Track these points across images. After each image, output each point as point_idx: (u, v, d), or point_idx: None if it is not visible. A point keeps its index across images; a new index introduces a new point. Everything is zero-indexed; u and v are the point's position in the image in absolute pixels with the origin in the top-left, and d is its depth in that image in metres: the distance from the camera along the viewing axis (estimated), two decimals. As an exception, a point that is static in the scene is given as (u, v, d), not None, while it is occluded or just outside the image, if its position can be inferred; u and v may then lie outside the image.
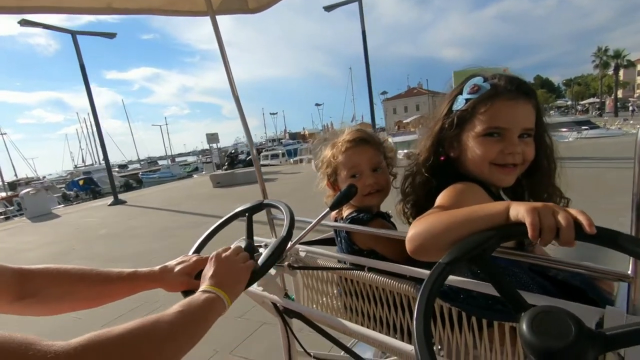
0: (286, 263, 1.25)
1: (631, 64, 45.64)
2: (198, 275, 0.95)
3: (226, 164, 21.20)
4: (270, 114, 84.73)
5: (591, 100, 55.75)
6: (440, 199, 0.84)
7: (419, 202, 1.02)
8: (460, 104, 0.89)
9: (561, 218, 0.51)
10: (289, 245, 1.17)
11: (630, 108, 24.36)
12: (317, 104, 77.61)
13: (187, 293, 0.94)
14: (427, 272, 0.59)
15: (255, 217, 1.20)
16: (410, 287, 0.98)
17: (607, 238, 0.50)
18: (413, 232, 0.66)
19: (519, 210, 0.54)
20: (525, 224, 0.53)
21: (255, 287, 1.25)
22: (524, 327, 0.46)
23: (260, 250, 1.07)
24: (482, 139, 0.86)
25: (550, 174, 0.94)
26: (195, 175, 28.59)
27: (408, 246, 0.66)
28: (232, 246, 1.00)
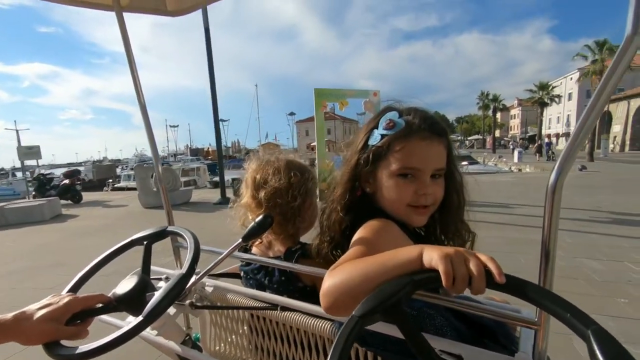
0: (188, 301, 1.10)
1: (506, 108, 54.73)
2: (72, 319, 0.77)
3: (33, 190, 12.95)
4: (171, 126, 76.62)
5: (476, 137, 64.99)
6: (356, 239, 0.80)
7: (336, 239, 0.97)
8: (376, 139, 0.88)
9: (473, 266, 0.51)
10: (193, 280, 1.04)
11: (511, 147, 29.25)
12: (221, 120, 72.09)
13: (51, 346, 0.74)
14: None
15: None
16: (327, 327, 0.92)
17: (515, 287, 0.51)
18: (327, 285, 0.61)
19: (432, 257, 0.53)
20: (438, 271, 0.52)
21: (148, 331, 1.07)
22: None
23: (160, 284, 0.92)
24: (397, 179, 0.86)
25: (459, 209, 0.95)
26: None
27: (323, 302, 0.61)
28: (126, 279, 0.87)
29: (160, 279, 1.14)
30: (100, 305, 0.83)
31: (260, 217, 1.01)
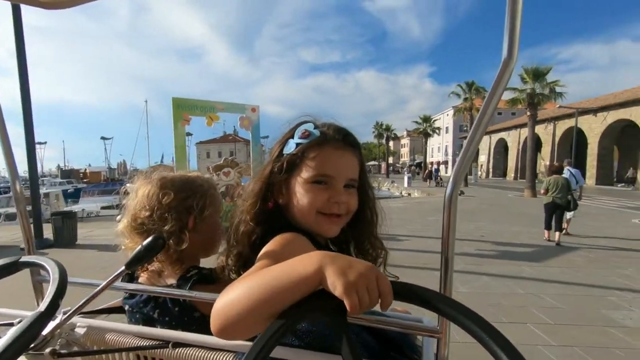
0: (49, 349, 0.86)
1: (397, 138, 61.24)
2: None
3: None
4: (38, 143, 65.86)
5: (372, 162, 70.43)
6: (262, 254, 0.76)
7: (244, 253, 0.90)
8: (290, 147, 0.87)
9: (381, 286, 0.50)
10: (57, 321, 0.85)
11: (406, 173, 32.62)
12: (103, 138, 59.87)
13: None
14: (249, 344, 0.53)
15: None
16: (230, 359, 0.83)
17: (416, 296, 0.51)
18: (217, 305, 0.54)
19: (335, 286, 0.48)
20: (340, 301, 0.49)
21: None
22: None
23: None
24: (310, 185, 0.85)
25: (372, 224, 0.96)
26: None
27: (212, 325, 0.53)
28: None
29: (11, 324, 0.87)
30: None
31: (149, 239, 0.87)
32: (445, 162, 56.92)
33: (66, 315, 0.86)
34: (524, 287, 4.63)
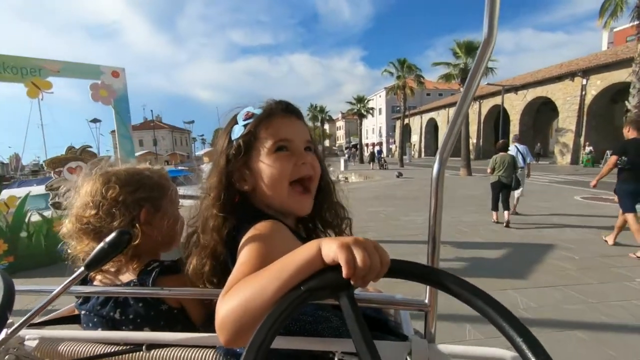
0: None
1: (332, 120, 60.25)
2: None
3: None
4: None
5: (309, 146, 69.21)
6: (244, 251, 0.69)
7: (217, 250, 0.82)
8: (240, 130, 0.85)
9: (378, 250, 0.50)
10: (3, 335, 0.74)
11: (346, 155, 31.81)
12: None
13: None
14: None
15: None
16: (210, 355, 0.78)
17: (399, 270, 0.52)
18: (224, 313, 0.52)
19: (330, 248, 0.50)
20: (337, 266, 0.48)
21: None
22: None
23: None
24: (274, 155, 0.83)
25: (332, 191, 0.98)
26: None
27: (222, 336, 0.51)
28: None
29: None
30: None
31: (113, 234, 0.76)
32: (380, 143, 57.55)
33: (12, 328, 0.76)
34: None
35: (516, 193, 7.30)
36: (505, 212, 6.62)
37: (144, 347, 0.81)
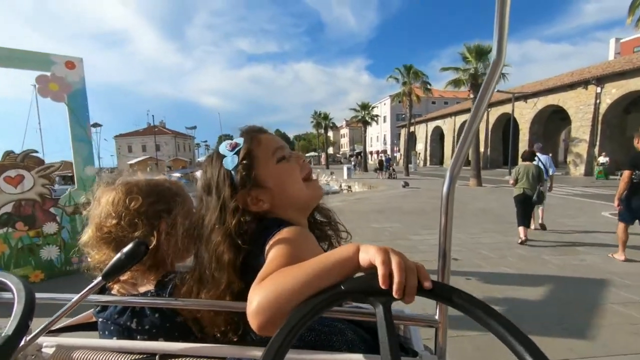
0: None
1: (336, 127, 59.58)
2: None
3: None
4: None
5: (312, 153, 68.41)
6: (276, 250, 0.68)
7: (230, 279, 0.79)
8: (233, 160, 0.85)
9: (405, 259, 0.51)
10: (23, 342, 0.72)
11: (352, 162, 31.17)
12: None
13: None
14: (245, 347, 0.70)
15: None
16: None
17: (441, 294, 0.51)
18: (260, 299, 0.52)
19: (368, 251, 0.53)
20: (374, 272, 0.50)
21: None
22: None
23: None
24: (279, 165, 0.87)
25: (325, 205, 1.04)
26: None
27: (254, 321, 0.52)
28: None
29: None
30: None
31: (130, 245, 0.78)
32: (385, 151, 56.64)
33: (32, 335, 0.76)
34: None
35: (539, 207, 6.64)
36: (521, 228, 5.98)
37: (157, 357, 0.81)
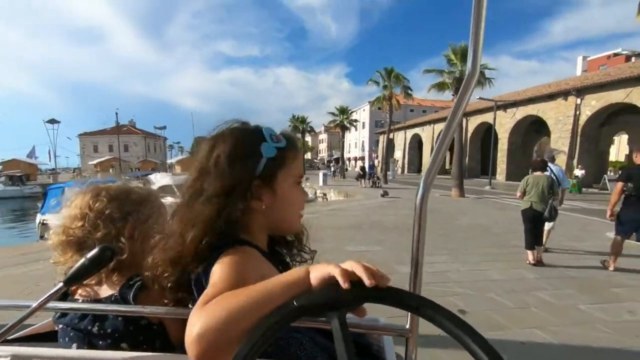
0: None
1: (315, 132, 58.49)
2: None
3: None
4: None
5: (289, 158, 66.86)
6: (221, 271, 0.67)
7: (183, 256, 0.77)
8: (269, 151, 0.82)
9: (366, 266, 0.51)
10: None
11: (331, 168, 31.05)
12: None
13: None
14: None
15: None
16: None
17: (391, 297, 0.50)
18: (201, 326, 0.50)
19: (320, 269, 0.52)
20: (331, 285, 0.50)
21: None
22: None
23: None
24: (297, 188, 0.88)
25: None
26: None
27: (196, 347, 0.49)
28: None
29: None
30: None
31: (95, 250, 0.77)
32: (362, 158, 55.87)
33: None
34: None
35: (547, 225, 5.57)
36: (530, 251, 5.25)
37: None
